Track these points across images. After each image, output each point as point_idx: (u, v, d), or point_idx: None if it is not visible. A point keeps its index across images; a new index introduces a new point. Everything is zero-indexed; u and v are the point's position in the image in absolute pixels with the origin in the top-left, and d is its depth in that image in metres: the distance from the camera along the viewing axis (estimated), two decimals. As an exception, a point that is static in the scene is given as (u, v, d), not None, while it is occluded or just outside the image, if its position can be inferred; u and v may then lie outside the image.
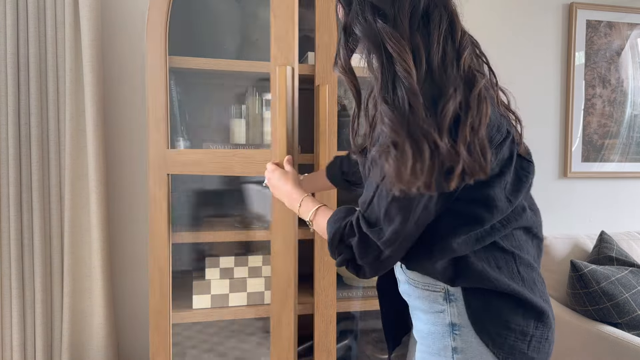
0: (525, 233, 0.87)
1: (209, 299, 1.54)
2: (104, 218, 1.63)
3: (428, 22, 0.76)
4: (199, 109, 1.86)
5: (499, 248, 0.83)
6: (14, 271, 1.58)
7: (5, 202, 1.58)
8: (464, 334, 0.82)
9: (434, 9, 0.77)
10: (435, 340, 0.86)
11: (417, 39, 0.74)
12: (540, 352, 0.83)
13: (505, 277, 0.81)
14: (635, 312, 1.70)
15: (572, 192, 2.33)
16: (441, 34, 0.75)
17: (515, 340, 0.81)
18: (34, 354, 1.62)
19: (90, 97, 1.59)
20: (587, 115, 2.29)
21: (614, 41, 2.30)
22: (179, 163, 1.39)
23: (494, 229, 0.82)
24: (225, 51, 1.60)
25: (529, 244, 0.87)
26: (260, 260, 1.58)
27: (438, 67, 0.73)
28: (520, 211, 0.85)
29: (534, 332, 0.82)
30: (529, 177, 0.85)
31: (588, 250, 1.99)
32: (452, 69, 0.74)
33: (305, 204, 1.00)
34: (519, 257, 0.84)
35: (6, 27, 1.55)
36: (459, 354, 0.83)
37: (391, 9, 0.75)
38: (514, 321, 0.81)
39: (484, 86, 0.77)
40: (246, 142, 1.67)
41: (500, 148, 0.79)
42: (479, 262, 0.81)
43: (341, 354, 1.78)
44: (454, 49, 0.76)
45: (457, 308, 0.83)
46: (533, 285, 0.84)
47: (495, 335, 0.81)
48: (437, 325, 0.86)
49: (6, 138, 1.57)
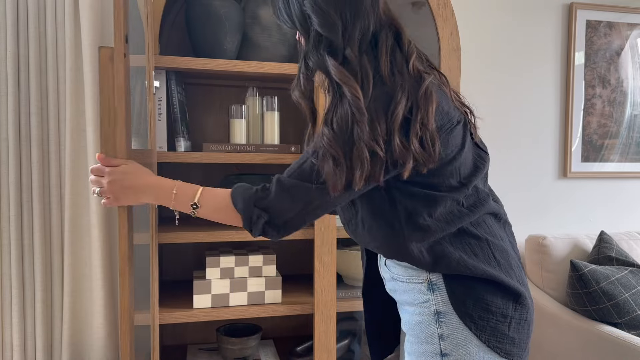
0: (495, 220, 0.93)
1: (209, 299, 1.54)
2: (104, 218, 1.63)
3: (376, 43, 0.87)
4: (199, 109, 1.86)
5: (472, 235, 0.89)
6: (14, 271, 1.58)
7: (6, 202, 1.58)
8: (449, 320, 0.87)
9: (381, 30, 0.88)
10: (423, 329, 0.90)
11: (365, 62, 0.85)
12: (520, 333, 0.88)
13: (482, 263, 0.87)
14: (635, 312, 1.70)
15: (572, 192, 2.33)
16: (388, 48, 0.86)
17: (497, 322, 0.86)
18: (34, 353, 1.62)
19: (90, 97, 1.59)
20: (587, 115, 2.29)
21: (614, 41, 2.31)
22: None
23: (462, 213, 0.88)
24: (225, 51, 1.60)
25: (501, 230, 0.93)
26: (261, 260, 1.59)
27: (388, 77, 0.84)
28: (485, 197, 0.92)
29: (513, 313, 0.87)
30: (485, 165, 0.92)
31: (588, 250, 2.00)
32: (401, 75, 0.84)
33: (182, 190, 0.93)
34: (493, 243, 0.90)
35: (6, 27, 1.55)
36: (445, 340, 0.88)
37: (342, 41, 0.85)
38: (494, 304, 0.86)
39: (432, 82, 0.85)
40: (246, 142, 1.67)
41: (451, 133, 0.86)
42: (455, 250, 0.87)
43: (341, 353, 1.78)
44: (402, 57, 0.87)
45: (440, 296, 0.89)
46: (509, 269, 0.90)
47: (477, 318, 0.86)
48: (423, 315, 0.90)
49: (6, 138, 1.57)
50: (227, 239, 1.53)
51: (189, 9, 1.61)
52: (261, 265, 1.59)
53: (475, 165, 0.91)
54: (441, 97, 0.86)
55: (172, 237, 1.49)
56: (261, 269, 1.59)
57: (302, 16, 0.88)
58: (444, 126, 0.85)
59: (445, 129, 0.85)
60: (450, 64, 1.68)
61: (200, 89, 1.85)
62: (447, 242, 0.88)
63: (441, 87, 0.89)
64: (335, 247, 1.57)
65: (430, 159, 0.82)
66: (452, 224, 0.88)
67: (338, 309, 1.60)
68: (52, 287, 1.65)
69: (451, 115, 0.86)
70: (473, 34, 2.14)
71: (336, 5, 0.84)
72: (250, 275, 1.58)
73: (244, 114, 1.65)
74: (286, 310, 1.58)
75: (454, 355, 0.87)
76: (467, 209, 0.89)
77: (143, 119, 1.49)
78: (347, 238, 1.59)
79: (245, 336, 1.63)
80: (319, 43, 0.87)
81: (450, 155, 0.86)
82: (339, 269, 1.71)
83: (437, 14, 1.66)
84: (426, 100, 0.81)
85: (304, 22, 0.88)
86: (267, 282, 1.59)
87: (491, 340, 0.85)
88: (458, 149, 0.87)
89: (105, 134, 0.95)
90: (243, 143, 1.64)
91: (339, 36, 0.85)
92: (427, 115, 0.81)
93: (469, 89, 2.13)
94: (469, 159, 0.90)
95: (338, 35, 0.85)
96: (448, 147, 0.86)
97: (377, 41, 0.87)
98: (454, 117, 0.87)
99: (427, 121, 0.81)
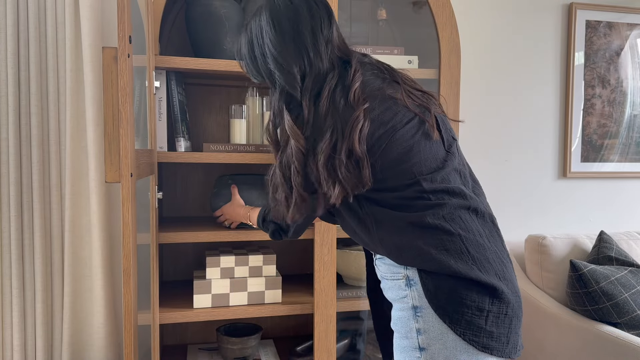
0: (472, 214, 0.94)
1: (209, 299, 1.54)
2: (104, 218, 1.64)
3: (322, 86, 0.93)
4: (199, 109, 1.86)
5: (445, 231, 0.90)
6: (14, 271, 1.58)
7: (6, 202, 1.58)
8: (425, 314, 0.89)
9: (330, 71, 0.94)
10: (403, 324, 0.93)
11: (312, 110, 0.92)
12: (500, 327, 0.88)
13: (452, 259, 0.88)
14: (635, 312, 1.70)
15: (572, 192, 2.33)
16: (331, 89, 0.92)
17: (472, 316, 0.86)
18: (34, 354, 1.62)
19: (90, 97, 1.59)
20: (586, 116, 2.29)
21: (614, 41, 2.31)
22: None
23: (425, 199, 0.92)
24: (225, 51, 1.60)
25: (477, 224, 0.94)
26: (261, 260, 1.59)
27: (323, 118, 0.91)
28: (456, 191, 0.94)
29: (490, 307, 0.88)
30: (445, 163, 0.95)
31: (587, 250, 2.00)
32: (337, 111, 0.90)
33: (254, 213, 1.36)
34: (466, 238, 0.90)
35: (6, 27, 1.55)
36: (422, 334, 0.90)
37: (299, 95, 0.93)
38: (469, 298, 0.87)
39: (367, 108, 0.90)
40: (246, 142, 1.67)
41: (393, 137, 0.91)
42: (425, 245, 0.89)
43: (341, 353, 1.78)
44: (343, 91, 0.92)
45: (417, 291, 0.91)
46: (486, 263, 0.90)
47: (452, 312, 0.87)
48: (404, 310, 0.93)
49: (6, 138, 1.57)
50: (227, 239, 1.54)
51: (189, 9, 1.61)
52: (261, 265, 1.59)
53: (436, 168, 0.94)
54: (381, 109, 0.92)
55: (172, 237, 1.49)
56: (261, 269, 1.59)
57: (268, 71, 0.97)
58: (383, 136, 0.91)
59: (385, 137, 0.91)
60: (450, 64, 1.68)
61: (200, 89, 1.85)
62: (417, 236, 0.90)
63: (386, 97, 0.94)
64: (335, 247, 1.57)
65: (360, 183, 0.90)
66: (413, 208, 0.91)
67: (338, 309, 1.60)
68: (52, 287, 1.65)
69: (395, 121, 0.92)
70: (473, 34, 2.15)
71: (295, 58, 0.93)
72: (250, 275, 1.58)
73: (244, 114, 1.66)
74: (286, 310, 1.58)
75: (431, 350, 0.88)
76: (432, 198, 0.92)
77: (143, 118, 1.49)
78: (347, 238, 1.59)
79: (245, 336, 1.63)
80: (280, 96, 0.96)
81: (397, 157, 0.91)
82: (339, 269, 1.71)
83: (437, 14, 1.66)
84: (351, 129, 0.88)
85: (271, 77, 0.98)
86: (267, 282, 1.59)
87: (467, 334, 0.86)
88: (406, 150, 0.92)
89: (109, 134, 0.97)
90: (243, 143, 1.64)
91: (298, 91, 0.93)
92: (353, 144, 0.88)
93: (469, 89, 2.14)
94: (427, 157, 0.93)
95: (297, 91, 0.93)
96: (392, 152, 0.91)
97: (324, 84, 0.93)
98: (398, 121, 0.92)
99: (352, 148, 0.88)
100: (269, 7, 0.96)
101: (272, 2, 0.97)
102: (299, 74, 0.93)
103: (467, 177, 0.99)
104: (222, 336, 1.63)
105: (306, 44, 0.93)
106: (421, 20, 1.85)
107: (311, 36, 0.94)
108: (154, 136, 1.43)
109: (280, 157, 0.96)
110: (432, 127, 0.95)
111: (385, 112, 0.92)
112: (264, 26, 0.96)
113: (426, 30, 1.74)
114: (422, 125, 0.94)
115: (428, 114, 0.96)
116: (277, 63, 0.94)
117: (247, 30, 1.01)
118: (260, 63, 0.98)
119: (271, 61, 0.95)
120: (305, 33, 0.93)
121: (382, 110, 0.92)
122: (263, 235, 1.53)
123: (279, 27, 0.94)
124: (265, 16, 0.96)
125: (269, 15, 0.95)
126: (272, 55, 0.95)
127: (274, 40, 0.94)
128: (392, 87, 0.96)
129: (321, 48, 0.94)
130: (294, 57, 0.93)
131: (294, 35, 0.93)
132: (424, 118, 0.95)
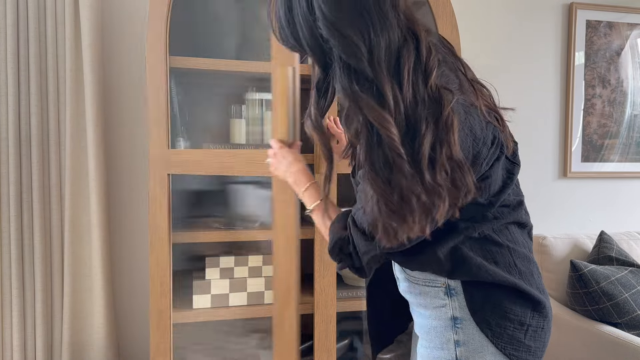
0: (519, 227, 0.91)
1: (209, 299, 1.54)
2: (104, 218, 1.64)
3: (399, 62, 0.74)
4: (199, 109, 1.86)
5: (494, 242, 0.86)
6: (14, 271, 1.58)
7: (6, 202, 1.58)
8: (466, 326, 0.85)
9: (404, 44, 0.75)
10: (438, 334, 0.88)
11: (393, 89, 0.72)
12: (537, 341, 0.86)
13: (501, 271, 0.84)
14: (635, 312, 1.70)
15: (572, 192, 2.33)
16: (410, 69, 0.74)
17: (514, 330, 0.84)
18: (34, 354, 1.62)
19: (90, 97, 1.59)
20: (587, 115, 2.29)
21: (614, 41, 2.30)
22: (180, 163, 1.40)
23: (487, 219, 0.85)
24: (225, 51, 1.60)
25: (523, 237, 0.91)
26: (261, 260, 1.59)
27: (410, 106, 0.72)
28: (516, 206, 0.89)
29: (531, 321, 0.85)
30: (512, 179, 0.87)
31: (588, 250, 2.00)
32: (423, 101, 0.73)
33: (309, 192, 1.02)
34: (515, 250, 0.87)
35: (6, 27, 1.55)
36: (461, 346, 0.85)
37: (369, 70, 0.72)
38: (512, 312, 0.84)
39: (455, 105, 0.75)
40: (246, 142, 1.67)
41: (486, 159, 0.80)
42: (476, 256, 0.84)
43: (341, 353, 1.78)
44: (423, 76, 0.74)
45: (458, 302, 0.86)
46: (530, 277, 0.87)
47: (494, 325, 0.84)
48: (440, 319, 0.88)
49: (6, 138, 1.57)
50: (227, 239, 1.53)
51: (189, 9, 1.61)
52: (261, 265, 1.59)
53: (504, 182, 0.85)
54: (471, 118, 0.77)
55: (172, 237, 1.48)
56: (261, 269, 1.59)
57: (314, 40, 0.77)
58: (480, 153, 0.77)
59: (482, 157, 0.78)
60: (450, 64, 1.67)
61: (200, 89, 1.84)
62: (468, 247, 0.85)
63: (467, 103, 0.79)
64: (335, 247, 1.57)
65: (468, 193, 0.74)
66: (473, 229, 0.83)
67: (338, 309, 1.60)
68: (52, 287, 1.65)
69: (486, 138, 0.78)
70: (473, 34, 2.14)
71: (356, 24, 0.72)
72: (249, 276, 1.58)
73: (244, 114, 1.65)
74: (286, 310, 1.58)
75: None
76: (493, 213, 0.85)
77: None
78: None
79: (245, 336, 1.63)
80: (344, 73, 0.74)
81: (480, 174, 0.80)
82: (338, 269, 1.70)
83: (437, 14, 1.66)
84: (447, 131, 0.72)
85: (317, 47, 0.77)
86: (267, 282, 1.59)
87: (507, 348, 0.83)
88: (488, 167, 0.81)
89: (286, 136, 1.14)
90: (243, 143, 1.64)
91: (365, 63, 0.72)
92: (451, 146, 0.72)
93: (469, 89, 2.13)
94: (499, 175, 0.84)
95: (364, 63, 0.72)
96: (474, 169, 0.78)
97: (400, 60, 0.74)
98: (487, 138, 0.79)
99: (451, 150, 0.72)
100: None
101: None
102: (362, 43, 0.72)
103: (518, 184, 0.94)
104: (222, 336, 1.63)
105: (369, 8, 0.72)
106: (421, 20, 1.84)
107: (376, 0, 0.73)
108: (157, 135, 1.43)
109: (367, 156, 0.73)
110: (509, 142, 0.84)
111: (474, 123, 0.78)
112: None
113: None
114: (500, 144, 0.82)
115: (502, 125, 0.84)
116: (333, 26, 0.73)
117: None
118: (300, 25, 0.77)
119: (324, 27, 0.73)
120: None
121: (470, 119, 0.78)
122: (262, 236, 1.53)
123: None
124: None
125: None
126: (326, 20, 0.73)
127: (327, 2, 0.73)
128: (466, 85, 0.82)
129: (389, 14, 0.73)
130: (356, 24, 0.72)
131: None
132: (502, 131, 0.83)
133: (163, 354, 1.42)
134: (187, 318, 1.51)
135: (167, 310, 1.43)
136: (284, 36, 0.82)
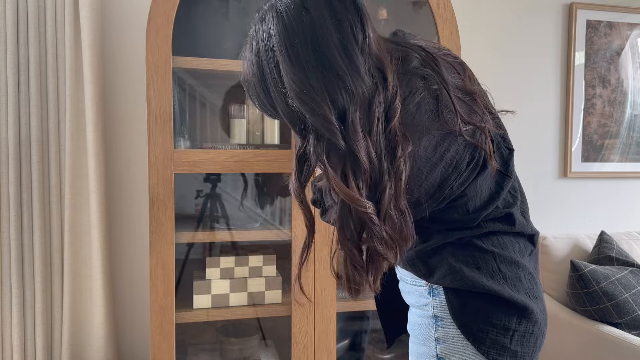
0: (512, 236, 0.88)
1: (209, 299, 1.54)
2: (104, 218, 1.63)
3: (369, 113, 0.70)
4: (199, 109, 1.86)
5: (477, 248, 0.84)
6: (14, 271, 1.58)
7: (5, 202, 1.58)
8: (446, 325, 0.86)
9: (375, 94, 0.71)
10: (422, 330, 0.90)
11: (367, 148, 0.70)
12: (525, 346, 0.84)
13: (483, 277, 0.83)
14: (635, 312, 1.70)
15: (572, 192, 2.33)
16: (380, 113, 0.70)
17: (497, 335, 0.83)
18: (34, 353, 1.62)
19: (90, 97, 1.59)
20: (587, 115, 2.29)
21: (614, 41, 2.30)
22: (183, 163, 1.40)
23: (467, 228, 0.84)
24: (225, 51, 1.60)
25: (513, 241, 0.88)
26: (261, 260, 1.59)
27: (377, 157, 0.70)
28: (503, 218, 0.86)
29: (517, 327, 0.84)
30: (500, 193, 0.85)
31: (588, 250, 2.00)
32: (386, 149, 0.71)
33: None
34: (500, 255, 0.85)
35: (6, 27, 1.55)
36: (441, 343, 0.86)
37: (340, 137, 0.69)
38: (495, 317, 0.83)
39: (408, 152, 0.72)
40: (246, 142, 1.67)
41: (458, 180, 0.79)
42: (456, 263, 0.83)
43: (341, 353, 1.78)
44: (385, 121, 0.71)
45: (439, 301, 0.87)
46: (517, 282, 0.85)
47: (476, 330, 0.83)
48: (423, 317, 0.90)
49: (6, 138, 1.57)
50: (227, 238, 1.53)
51: (189, 9, 1.61)
52: (261, 265, 1.59)
53: (491, 196, 0.84)
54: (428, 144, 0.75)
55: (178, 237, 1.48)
56: (261, 269, 1.59)
57: (288, 108, 0.72)
58: (448, 179, 0.78)
59: (449, 182, 0.78)
60: (451, 64, 1.67)
61: (201, 89, 1.84)
62: (449, 253, 0.84)
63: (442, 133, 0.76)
64: (335, 247, 1.57)
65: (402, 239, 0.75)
66: (451, 235, 0.83)
67: (338, 309, 1.60)
68: (52, 287, 1.65)
69: (460, 162, 0.78)
70: (473, 34, 2.14)
71: (327, 89, 0.67)
72: (250, 276, 1.58)
73: (244, 114, 1.65)
74: (286, 310, 1.58)
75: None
76: (480, 225, 0.84)
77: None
78: (347, 238, 1.58)
79: (245, 336, 1.63)
80: (317, 142, 0.70)
81: (449, 200, 0.81)
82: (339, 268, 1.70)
83: (437, 14, 1.66)
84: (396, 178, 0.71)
85: (291, 115, 0.72)
86: (267, 282, 1.58)
87: (491, 353, 0.82)
88: (464, 188, 0.80)
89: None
90: (243, 143, 1.64)
91: (339, 136, 0.68)
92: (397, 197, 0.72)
93: (469, 89, 2.13)
94: (481, 191, 0.83)
95: (338, 136, 0.68)
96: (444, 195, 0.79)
97: (371, 108, 0.69)
98: (462, 161, 0.78)
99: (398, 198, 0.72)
100: (278, 25, 0.70)
101: (280, 16, 0.71)
102: (334, 115, 0.68)
103: (517, 191, 0.91)
104: (222, 336, 1.63)
105: (337, 68, 0.67)
106: (421, 20, 1.84)
107: (343, 54, 0.68)
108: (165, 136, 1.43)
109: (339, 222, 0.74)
110: (490, 156, 0.80)
111: (436, 148, 0.76)
112: (276, 52, 0.70)
113: (426, 30, 1.74)
114: (478, 162, 0.80)
115: (483, 138, 0.80)
116: (304, 105, 0.69)
117: (253, 46, 0.76)
118: (274, 94, 0.73)
119: (294, 99, 0.69)
120: (334, 52, 0.67)
121: (429, 146, 0.76)
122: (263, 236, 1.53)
123: (295, 55, 0.68)
124: (275, 37, 0.70)
125: (279, 39, 0.70)
126: (293, 92, 0.69)
127: (290, 73, 0.68)
128: (445, 110, 0.76)
129: (360, 66, 0.68)
130: (324, 92, 0.68)
131: (317, 63, 0.67)
132: (480, 147, 0.79)
133: (165, 354, 1.42)
134: (188, 318, 1.51)
135: (171, 309, 1.43)
136: (261, 103, 0.79)
